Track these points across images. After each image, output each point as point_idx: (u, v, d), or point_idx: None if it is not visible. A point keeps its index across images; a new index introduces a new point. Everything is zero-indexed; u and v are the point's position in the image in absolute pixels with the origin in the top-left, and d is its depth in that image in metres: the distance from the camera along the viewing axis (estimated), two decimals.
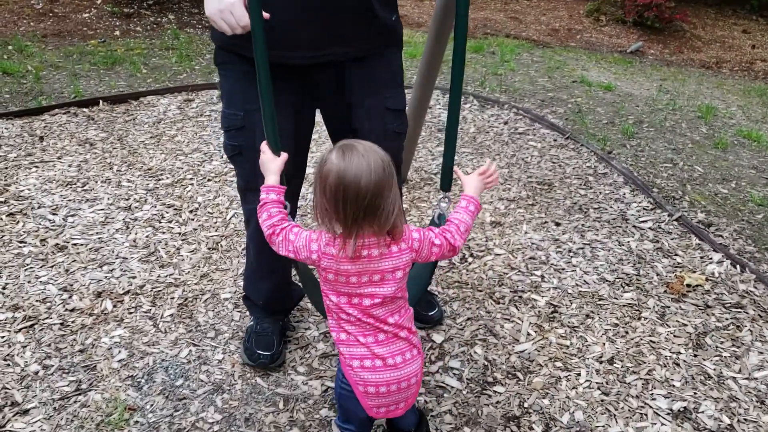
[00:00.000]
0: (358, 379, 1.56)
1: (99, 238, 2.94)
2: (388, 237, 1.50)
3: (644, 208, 3.50)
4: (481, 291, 2.73)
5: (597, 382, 2.27)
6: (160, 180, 3.51)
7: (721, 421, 2.13)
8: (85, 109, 4.36)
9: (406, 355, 1.58)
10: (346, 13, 1.77)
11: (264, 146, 1.71)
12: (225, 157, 3.03)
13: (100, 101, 4.48)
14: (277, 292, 2.29)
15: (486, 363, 2.34)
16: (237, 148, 1.94)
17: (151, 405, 2.08)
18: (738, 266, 2.99)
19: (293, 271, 2.36)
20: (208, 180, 3.54)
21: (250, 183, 1.98)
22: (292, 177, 1.97)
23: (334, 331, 1.60)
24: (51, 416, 2.01)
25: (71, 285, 2.61)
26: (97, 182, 3.43)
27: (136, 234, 2.99)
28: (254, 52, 1.59)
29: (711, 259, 3.05)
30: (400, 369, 1.56)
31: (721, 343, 2.51)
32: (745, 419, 2.15)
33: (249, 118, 1.88)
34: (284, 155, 1.72)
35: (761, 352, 2.46)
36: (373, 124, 1.96)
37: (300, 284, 2.49)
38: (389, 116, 1.99)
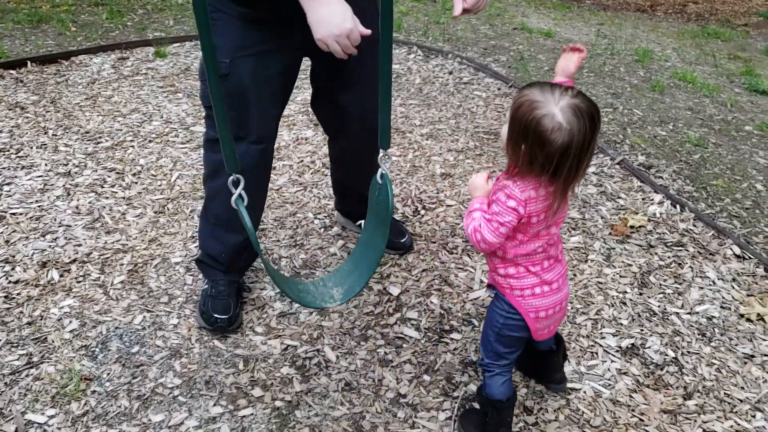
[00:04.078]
0: (529, 307, 1.65)
1: (39, 206, 2.83)
2: None
3: None
4: (434, 242, 2.76)
5: None
6: (99, 143, 3.38)
7: (667, 355, 2.24)
8: (12, 71, 4.14)
9: (565, 277, 1.71)
10: None
11: None
12: (201, 105, 2.86)
13: (28, 62, 4.25)
14: (242, 245, 2.20)
15: (442, 312, 2.39)
16: None
17: (108, 374, 2.05)
18: (678, 206, 3.10)
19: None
20: (149, 141, 3.43)
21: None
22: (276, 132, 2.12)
23: (501, 268, 1.66)
24: (2, 391, 1.96)
25: (13, 256, 2.52)
26: (32, 148, 3.28)
27: (78, 200, 2.89)
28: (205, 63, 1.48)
29: (652, 200, 3.15)
30: (562, 290, 1.68)
31: (665, 280, 2.61)
32: (688, 351, 2.26)
33: (235, 65, 1.83)
34: None
35: (701, 288, 2.58)
36: (368, 61, 1.85)
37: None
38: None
